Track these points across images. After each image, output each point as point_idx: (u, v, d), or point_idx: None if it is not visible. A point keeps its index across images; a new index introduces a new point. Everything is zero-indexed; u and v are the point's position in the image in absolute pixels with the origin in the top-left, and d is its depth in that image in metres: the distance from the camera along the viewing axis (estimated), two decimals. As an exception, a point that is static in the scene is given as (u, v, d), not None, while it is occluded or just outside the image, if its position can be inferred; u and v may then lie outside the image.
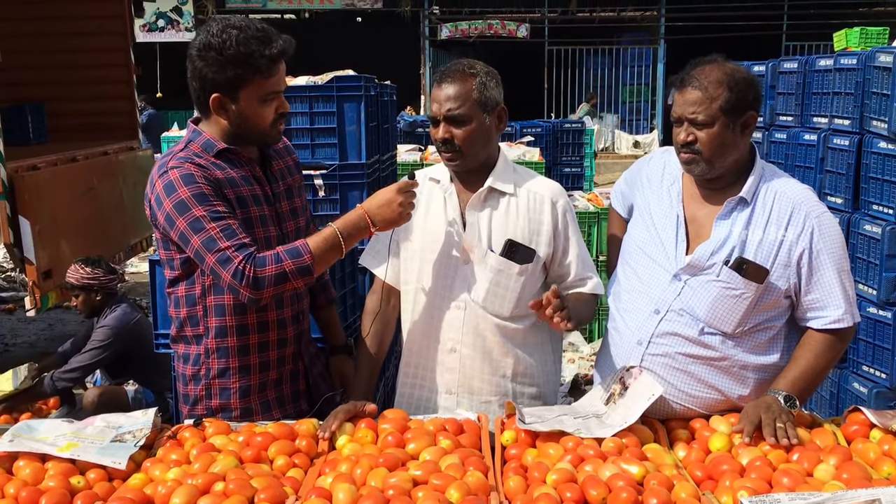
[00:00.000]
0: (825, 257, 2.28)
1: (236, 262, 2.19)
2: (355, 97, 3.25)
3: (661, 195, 2.47)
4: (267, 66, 2.27)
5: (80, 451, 2.14)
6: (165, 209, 2.26)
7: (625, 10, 19.48)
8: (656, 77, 19.58)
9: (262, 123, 2.34)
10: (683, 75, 2.32)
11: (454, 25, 19.12)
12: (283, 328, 2.47)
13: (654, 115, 19.92)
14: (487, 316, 2.47)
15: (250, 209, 2.36)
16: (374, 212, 2.33)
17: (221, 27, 2.26)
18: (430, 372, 2.55)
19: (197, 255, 2.26)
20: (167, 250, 2.41)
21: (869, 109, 4.04)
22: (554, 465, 2.02)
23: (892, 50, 3.96)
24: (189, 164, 2.28)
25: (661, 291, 2.38)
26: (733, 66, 2.30)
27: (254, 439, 2.21)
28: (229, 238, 2.22)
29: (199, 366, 2.45)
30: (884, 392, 3.80)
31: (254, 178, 2.41)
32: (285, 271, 2.23)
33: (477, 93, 2.39)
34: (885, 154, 3.90)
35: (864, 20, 17.83)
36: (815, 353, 2.30)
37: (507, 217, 2.45)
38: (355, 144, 3.29)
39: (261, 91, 2.29)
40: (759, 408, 2.17)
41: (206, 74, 2.27)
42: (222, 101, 2.30)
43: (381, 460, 2.04)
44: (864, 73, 4.10)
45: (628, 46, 19.51)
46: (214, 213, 2.24)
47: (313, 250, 2.26)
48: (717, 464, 2.01)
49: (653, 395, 2.22)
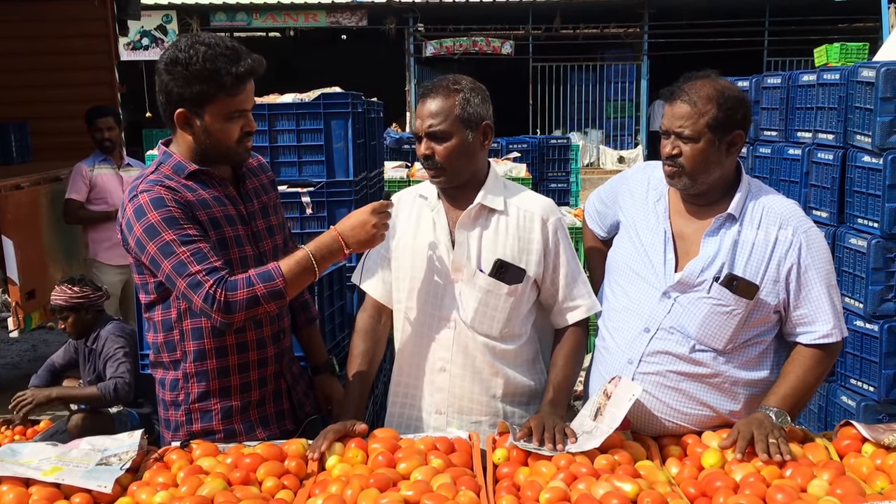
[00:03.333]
0: (813, 273, 2.28)
1: (207, 287, 2.16)
2: (342, 114, 3.25)
3: (646, 211, 2.46)
4: (233, 84, 2.24)
5: (65, 474, 2.10)
6: (136, 234, 2.23)
7: (608, 27, 19.65)
8: (640, 93, 19.74)
9: (227, 141, 2.32)
10: (674, 88, 2.32)
11: (439, 42, 19.22)
12: (264, 347, 2.44)
13: (639, 130, 20.07)
14: (476, 336, 2.45)
15: (224, 229, 2.34)
16: (348, 233, 2.30)
17: (190, 43, 2.25)
18: (419, 391, 2.52)
19: (168, 280, 2.23)
20: (141, 274, 2.38)
21: (853, 124, 4.07)
22: (547, 483, 2.00)
23: (874, 65, 4.00)
24: (159, 188, 2.25)
25: (650, 309, 2.37)
26: (725, 84, 2.30)
27: (242, 461, 2.18)
28: (200, 262, 2.19)
29: (179, 391, 2.41)
30: (872, 405, 3.80)
31: (227, 197, 2.38)
32: (256, 295, 2.20)
33: (459, 109, 2.37)
34: (869, 168, 3.93)
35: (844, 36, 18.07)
36: (804, 368, 2.29)
37: (497, 236, 2.43)
38: (343, 161, 3.29)
39: (226, 108, 2.27)
40: (752, 424, 2.17)
41: (171, 89, 2.25)
42: (187, 117, 2.28)
43: (372, 481, 2.02)
44: (847, 88, 4.13)
45: (612, 63, 19.67)
46: (185, 236, 2.21)
47: (286, 273, 2.23)
48: (711, 480, 1.99)
49: (633, 396, 2.22)
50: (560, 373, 2.45)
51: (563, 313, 2.50)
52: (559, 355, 2.49)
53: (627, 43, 20.20)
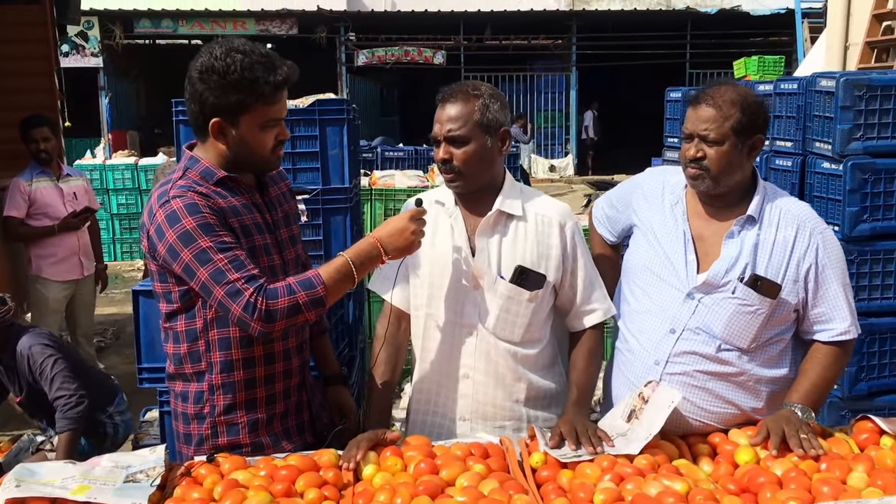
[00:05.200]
0: (830, 272, 2.37)
1: (247, 295, 2.11)
2: (338, 121, 3.22)
3: (663, 214, 2.51)
4: (271, 93, 2.20)
5: (95, 493, 2.02)
6: (168, 240, 2.16)
7: (537, 39, 19.96)
8: (569, 103, 20.11)
9: (262, 150, 2.27)
10: (698, 93, 2.38)
11: (371, 52, 19.19)
12: (289, 359, 2.40)
13: (569, 139, 20.44)
14: (499, 342, 2.46)
15: (254, 237, 2.29)
16: (387, 240, 2.28)
17: (225, 50, 2.18)
18: (442, 398, 2.52)
19: (203, 288, 2.16)
20: (164, 283, 2.29)
21: (811, 132, 4.25)
22: (595, 484, 2.01)
23: (833, 75, 4.17)
24: (192, 193, 2.19)
25: (674, 311, 2.41)
26: (746, 90, 2.38)
27: (278, 473, 2.13)
28: (238, 270, 2.13)
29: (203, 403, 2.34)
30: (836, 402, 3.95)
31: (254, 205, 2.34)
32: (298, 303, 2.15)
33: (479, 114, 2.38)
34: (828, 174, 4.09)
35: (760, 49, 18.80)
36: (823, 365, 2.37)
37: (516, 242, 2.44)
38: (338, 168, 3.25)
39: (263, 118, 2.22)
40: (780, 420, 2.22)
41: (206, 98, 2.19)
42: (222, 126, 2.22)
43: (422, 488, 2.00)
44: (806, 98, 4.31)
45: (542, 73, 19.98)
46: (221, 243, 2.15)
47: (326, 281, 2.19)
48: (753, 476, 2.03)
49: (672, 402, 2.24)
50: (582, 374, 2.47)
51: (580, 317, 2.52)
52: (579, 356, 2.51)
53: (556, 54, 20.58)
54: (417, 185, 6.22)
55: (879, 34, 8.28)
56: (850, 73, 4.42)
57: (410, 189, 6.10)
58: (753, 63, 16.76)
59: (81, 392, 3.83)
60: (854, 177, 3.94)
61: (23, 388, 4.02)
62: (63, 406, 3.77)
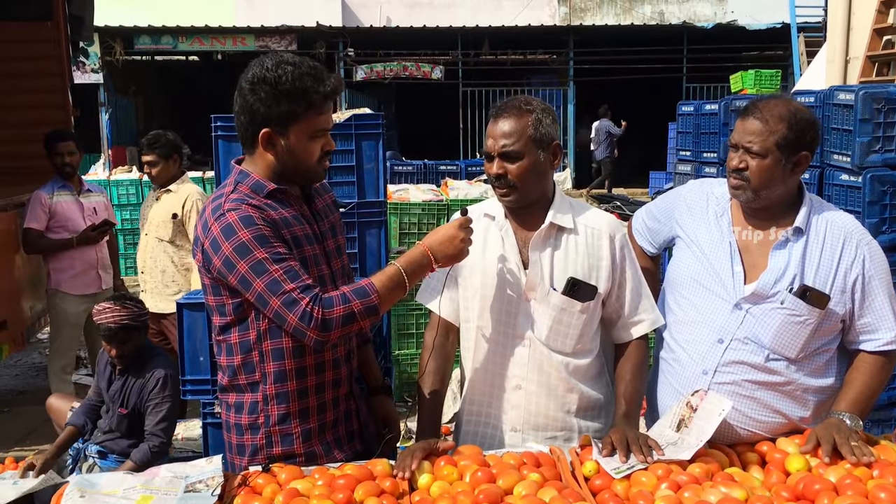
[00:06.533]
0: (876, 283, 2.40)
1: (303, 305, 2.14)
2: (374, 135, 3.25)
3: (708, 226, 2.54)
4: (320, 103, 2.26)
5: (158, 502, 2.04)
6: (224, 253, 2.20)
7: (534, 53, 20.08)
8: (567, 117, 20.19)
9: (309, 160, 2.32)
10: (749, 104, 2.43)
11: (369, 67, 19.26)
12: (338, 368, 2.43)
13: (566, 153, 20.49)
14: (552, 353, 2.48)
15: (305, 248, 2.32)
16: (437, 248, 2.32)
17: (276, 62, 2.25)
18: (494, 409, 2.54)
19: (259, 300, 2.19)
20: (217, 296, 2.33)
21: (829, 144, 4.30)
22: (652, 493, 2.04)
23: (852, 89, 4.24)
24: (246, 206, 2.23)
25: (722, 321, 2.45)
26: (798, 105, 2.41)
27: (336, 482, 2.15)
28: (293, 280, 2.17)
29: (257, 414, 2.36)
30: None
31: (303, 216, 2.38)
32: (353, 312, 2.19)
33: (532, 129, 2.41)
34: (847, 186, 4.15)
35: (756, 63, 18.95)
36: (869, 374, 2.41)
37: (567, 254, 2.47)
38: (373, 182, 3.28)
39: (311, 128, 2.28)
40: (830, 429, 2.25)
41: (257, 108, 2.24)
42: (272, 137, 2.27)
43: (482, 497, 2.02)
44: (823, 111, 4.36)
45: (539, 87, 20.06)
46: (276, 254, 2.19)
47: (379, 289, 2.24)
48: (809, 484, 2.06)
49: (723, 411, 2.26)
50: (630, 386, 2.49)
51: (627, 328, 2.55)
52: (626, 369, 2.53)
53: (553, 69, 20.69)
54: (432, 198, 6.25)
55: (880, 48, 8.38)
56: (869, 86, 4.48)
57: (425, 203, 6.13)
58: (750, 77, 16.89)
59: (170, 442, 3.91)
60: (873, 188, 4.00)
61: (131, 403, 3.96)
62: (152, 445, 3.82)
